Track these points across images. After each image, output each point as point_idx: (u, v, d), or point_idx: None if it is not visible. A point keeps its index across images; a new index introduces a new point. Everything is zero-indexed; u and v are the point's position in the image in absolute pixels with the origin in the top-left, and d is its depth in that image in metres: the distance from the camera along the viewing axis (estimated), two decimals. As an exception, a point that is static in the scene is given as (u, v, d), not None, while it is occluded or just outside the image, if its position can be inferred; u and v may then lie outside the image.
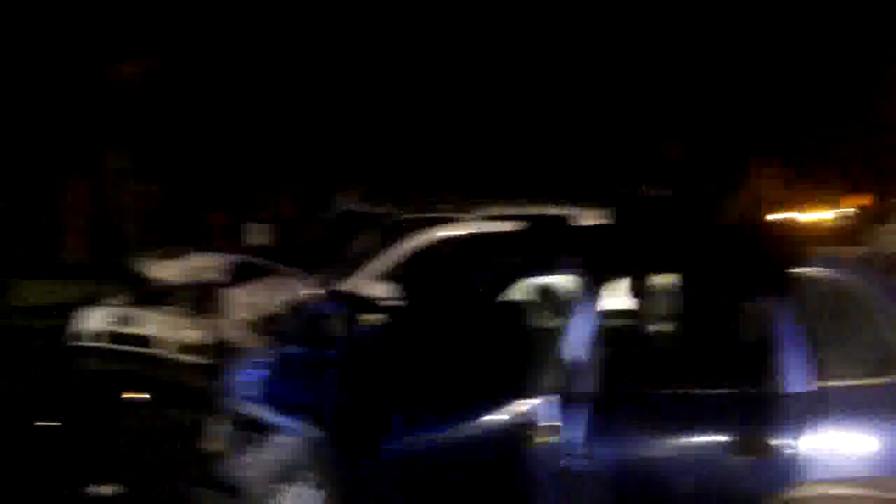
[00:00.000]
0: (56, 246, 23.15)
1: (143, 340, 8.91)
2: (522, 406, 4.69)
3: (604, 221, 10.19)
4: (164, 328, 8.77)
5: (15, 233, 16.93)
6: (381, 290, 8.13)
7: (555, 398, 4.63)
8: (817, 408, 4.29)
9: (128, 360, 9.04)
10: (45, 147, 22.94)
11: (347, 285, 8.71)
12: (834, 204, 38.00)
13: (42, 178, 23.34)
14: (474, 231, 8.86)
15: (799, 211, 39.00)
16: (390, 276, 8.63)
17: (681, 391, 4.59)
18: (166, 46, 24.05)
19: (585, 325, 4.78)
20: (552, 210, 10.01)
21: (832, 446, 4.27)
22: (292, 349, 5.94)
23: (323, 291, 7.50)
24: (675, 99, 33.16)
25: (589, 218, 9.99)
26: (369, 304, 6.28)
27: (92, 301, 9.91)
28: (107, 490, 6.69)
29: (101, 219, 23.36)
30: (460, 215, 9.36)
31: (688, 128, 34.29)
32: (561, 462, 4.57)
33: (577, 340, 4.74)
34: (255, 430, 5.53)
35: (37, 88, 22.47)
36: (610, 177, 28.36)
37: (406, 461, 5.04)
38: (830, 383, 4.35)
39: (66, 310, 10.16)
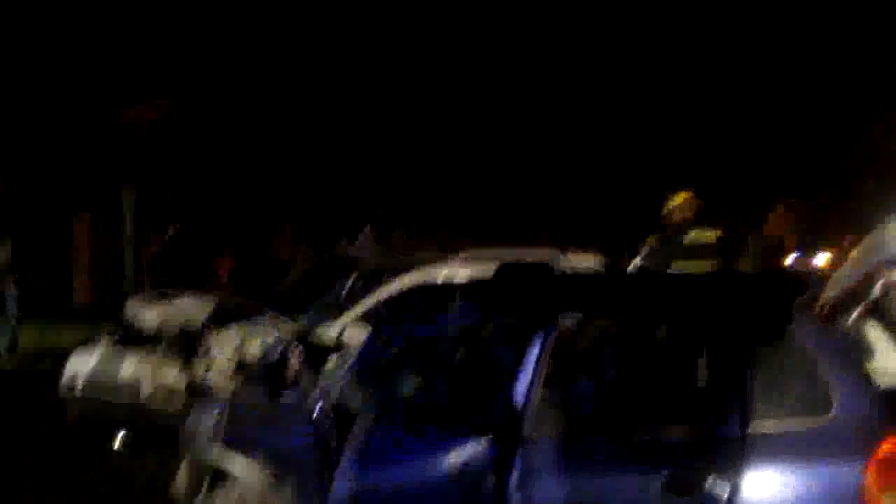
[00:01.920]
0: (65, 287, 23.34)
1: (125, 385, 8.98)
2: (469, 447, 4.77)
3: (590, 265, 10.32)
4: (145, 372, 8.84)
5: (25, 274, 17.07)
6: (357, 334, 8.23)
7: (499, 438, 4.71)
8: (751, 451, 4.33)
9: (111, 404, 9.11)
10: (56, 188, 23.20)
11: (328, 329, 8.82)
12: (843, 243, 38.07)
13: (52, 219, 23.56)
14: (450, 277, 8.96)
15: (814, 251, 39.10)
16: (369, 319, 8.73)
17: (616, 434, 4.66)
18: (180, 90, 24.30)
19: (530, 367, 4.86)
20: (537, 255, 10.07)
21: (765, 490, 4.30)
22: (254, 392, 6.04)
23: (295, 336, 7.59)
24: (684, 139, 33.19)
25: (576, 262, 10.08)
26: (334, 347, 6.36)
27: (83, 345, 10.02)
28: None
29: (108, 261, 23.54)
30: (440, 260, 9.44)
31: (698, 170, 34.33)
32: (501, 502, 4.63)
33: (521, 382, 4.82)
34: (215, 475, 5.63)
35: (48, 129, 22.75)
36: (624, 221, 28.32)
37: (358, 501, 5.12)
38: (764, 426, 4.38)
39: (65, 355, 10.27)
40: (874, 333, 4.91)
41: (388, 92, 26.57)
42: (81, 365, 9.45)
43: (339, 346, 7.31)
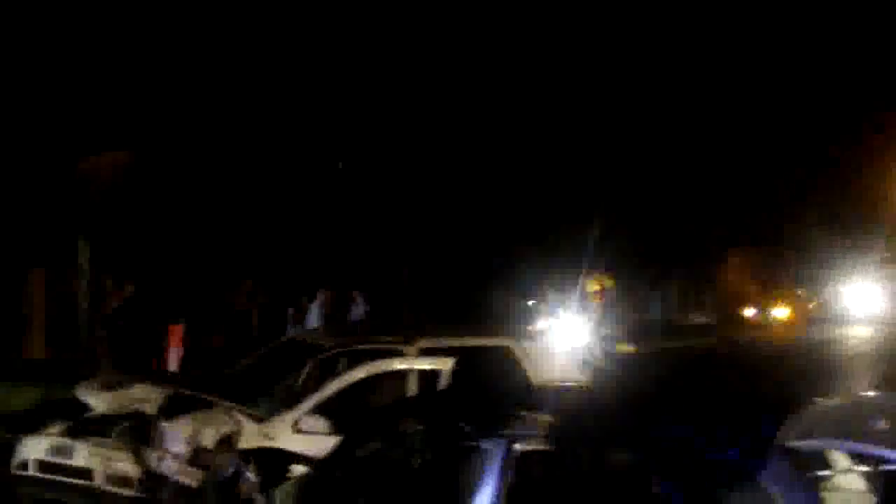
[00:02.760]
0: (16, 343, 23.00)
1: (78, 472, 8.85)
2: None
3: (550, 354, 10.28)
4: (97, 460, 8.72)
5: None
6: (312, 426, 8.21)
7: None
8: None
9: (64, 490, 8.98)
10: (9, 240, 22.91)
11: (285, 419, 8.75)
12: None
13: (5, 272, 23.25)
14: (410, 367, 8.95)
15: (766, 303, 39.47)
16: (327, 410, 8.68)
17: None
18: (138, 141, 24.15)
19: (487, 497, 4.83)
20: (496, 341, 10.08)
21: None
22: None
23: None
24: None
25: (532, 348, 10.05)
26: (288, 459, 6.30)
27: (37, 426, 9.86)
28: None
29: (63, 316, 23.26)
30: (399, 348, 9.42)
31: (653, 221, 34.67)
32: None
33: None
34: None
35: (2, 177, 22.48)
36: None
37: None
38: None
39: (18, 421, 10.12)
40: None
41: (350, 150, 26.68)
42: (33, 450, 9.30)
43: (289, 455, 7.23)
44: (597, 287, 16.19)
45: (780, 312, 38.32)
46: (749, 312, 39.78)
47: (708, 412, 5.42)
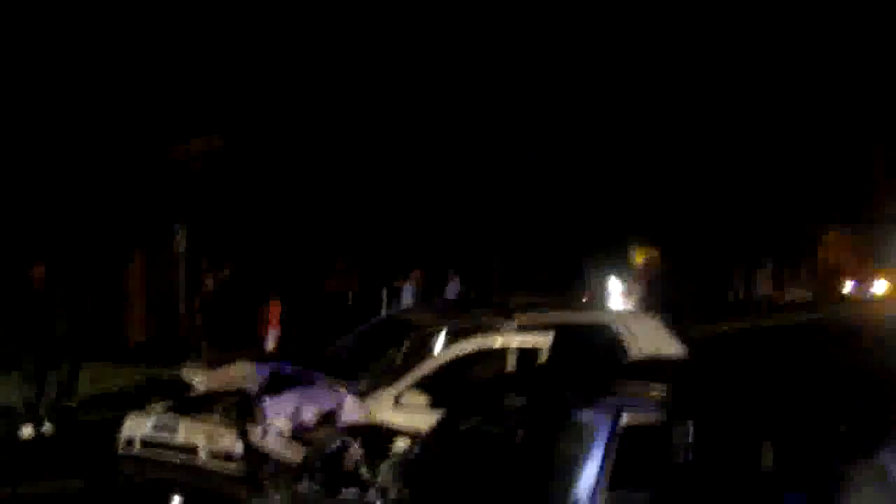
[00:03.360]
0: (119, 328, 23.47)
1: (182, 448, 8.98)
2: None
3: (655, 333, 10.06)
4: (201, 436, 8.83)
5: (79, 313, 17.15)
6: (413, 401, 8.21)
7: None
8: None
9: (168, 467, 9.12)
10: (109, 227, 23.36)
11: (385, 396, 8.76)
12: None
13: (105, 258, 23.71)
14: (510, 343, 8.88)
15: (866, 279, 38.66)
16: (427, 386, 8.67)
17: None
18: (232, 125, 24.44)
19: (595, 467, 4.73)
20: (591, 318, 9.98)
21: None
22: (312, 487, 5.98)
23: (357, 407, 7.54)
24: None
25: (636, 326, 9.89)
26: (391, 434, 6.30)
27: (139, 409, 10.05)
28: None
29: (162, 300, 23.68)
30: (499, 324, 9.36)
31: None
32: None
33: (584, 482, 4.70)
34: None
35: (99, 167, 22.91)
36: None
37: None
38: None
39: (122, 400, 10.33)
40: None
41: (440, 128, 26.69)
42: (138, 427, 9.47)
43: (393, 431, 7.22)
44: (642, 260, 15.24)
45: (880, 287, 37.53)
46: (848, 287, 39.08)
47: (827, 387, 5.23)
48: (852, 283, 39.54)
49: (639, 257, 15.11)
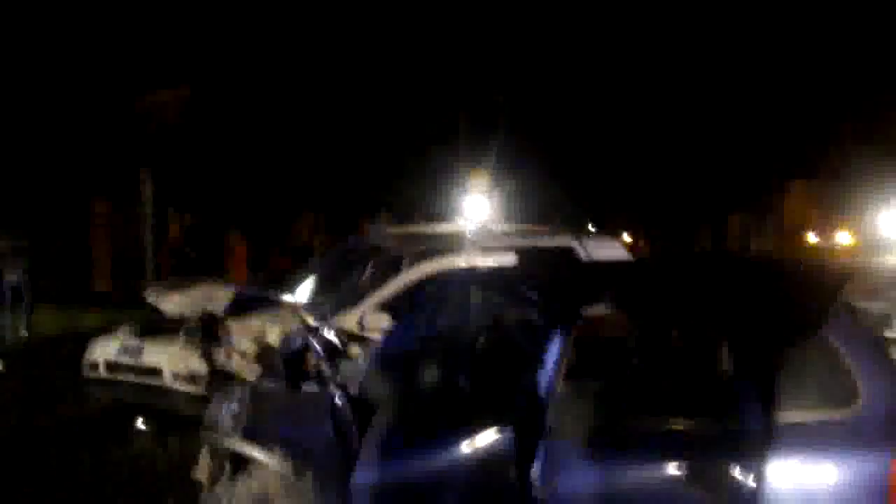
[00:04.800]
0: (85, 274, 23.40)
1: (146, 371, 9.01)
2: (491, 437, 4.75)
3: (614, 252, 10.27)
4: (165, 359, 8.86)
5: (44, 261, 17.14)
6: (376, 322, 8.20)
7: (522, 429, 4.68)
8: (776, 442, 4.30)
9: (133, 389, 9.15)
10: (75, 175, 23.24)
11: (348, 317, 8.79)
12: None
13: (71, 206, 23.60)
14: (474, 264, 8.90)
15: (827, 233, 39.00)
16: (390, 307, 8.69)
17: (640, 425, 4.64)
18: (198, 75, 24.30)
19: (554, 358, 4.83)
20: (555, 242, 10.04)
21: (790, 480, 4.27)
22: (274, 382, 6.04)
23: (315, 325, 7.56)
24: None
25: (597, 249, 10.02)
26: (354, 337, 6.34)
27: (104, 331, 10.08)
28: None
29: (127, 247, 23.61)
30: (462, 247, 9.41)
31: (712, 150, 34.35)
32: (524, 493, 4.62)
33: (545, 373, 4.80)
34: (237, 461, 5.64)
35: (67, 115, 22.76)
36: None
37: (376, 492, 5.11)
38: (790, 418, 4.35)
39: (85, 339, 10.32)
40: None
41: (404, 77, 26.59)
42: (103, 350, 9.49)
43: (359, 335, 7.28)
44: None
45: (843, 239, 37.87)
46: (812, 239, 39.47)
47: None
48: (813, 234, 39.94)
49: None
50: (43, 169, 22.50)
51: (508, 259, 8.72)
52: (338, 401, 5.43)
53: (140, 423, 9.21)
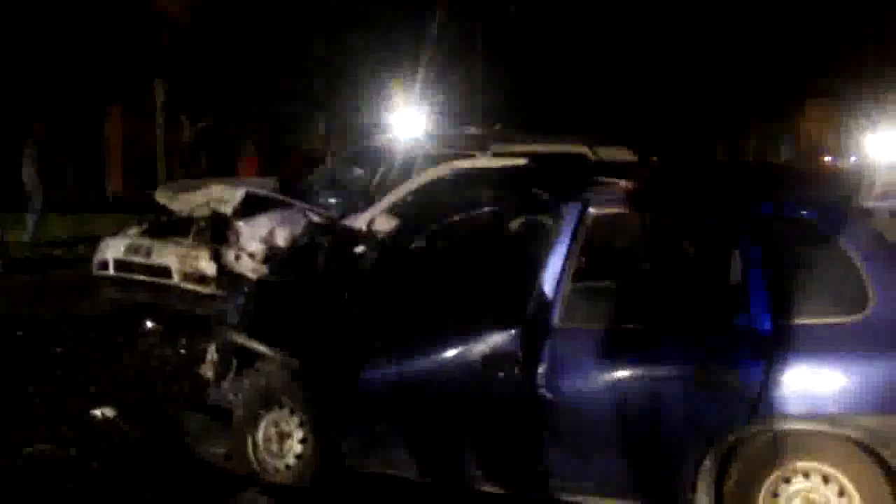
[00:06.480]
0: (98, 179, 23.41)
1: (155, 270, 9.00)
2: (493, 337, 4.74)
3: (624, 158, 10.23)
4: (174, 258, 8.84)
5: (58, 166, 17.12)
6: (383, 224, 8.15)
7: (526, 329, 4.66)
8: (783, 345, 4.27)
9: (142, 288, 9.15)
10: (87, 80, 23.08)
11: (358, 220, 8.74)
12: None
13: (84, 111, 23.49)
14: (484, 166, 8.82)
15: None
16: (400, 210, 8.64)
17: (646, 326, 4.61)
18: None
19: (559, 259, 4.79)
20: (567, 148, 9.96)
21: (796, 383, 4.25)
22: (276, 278, 6.03)
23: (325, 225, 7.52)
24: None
25: (607, 156, 9.96)
26: (359, 237, 6.29)
27: (114, 232, 10.06)
28: (108, 413, 6.84)
29: (140, 151, 23.57)
30: (476, 151, 9.34)
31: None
32: (527, 392, 4.62)
33: (549, 274, 4.76)
34: (240, 358, 5.65)
35: (78, 21, 22.54)
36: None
37: (381, 389, 5.13)
38: (797, 321, 4.31)
39: (96, 242, 10.32)
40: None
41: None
42: (113, 249, 9.48)
43: (368, 234, 7.24)
44: None
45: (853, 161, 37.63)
46: (828, 160, 39.21)
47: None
48: (830, 157, 39.67)
49: None
50: (57, 78, 22.33)
51: (519, 162, 8.64)
52: (347, 297, 5.41)
53: (149, 322, 9.24)
